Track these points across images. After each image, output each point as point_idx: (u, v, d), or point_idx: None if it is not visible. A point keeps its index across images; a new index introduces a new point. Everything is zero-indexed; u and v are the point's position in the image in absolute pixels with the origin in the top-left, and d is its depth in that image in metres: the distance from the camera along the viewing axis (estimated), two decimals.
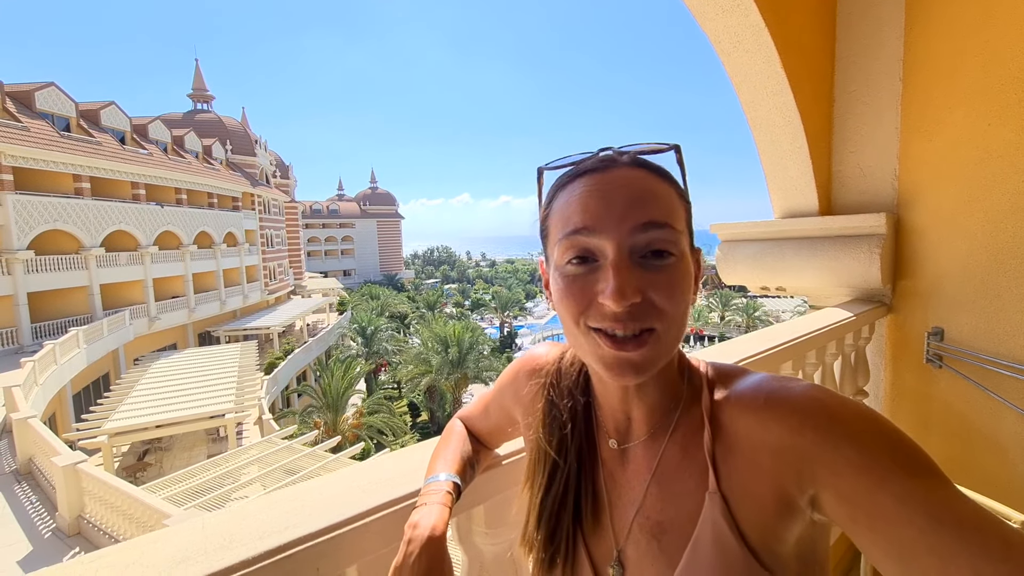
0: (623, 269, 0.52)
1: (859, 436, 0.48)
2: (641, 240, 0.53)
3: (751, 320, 39.00)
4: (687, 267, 0.55)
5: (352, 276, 69.67)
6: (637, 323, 0.52)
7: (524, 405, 0.76)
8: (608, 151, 0.59)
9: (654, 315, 0.53)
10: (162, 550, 0.61)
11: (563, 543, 0.66)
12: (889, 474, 0.45)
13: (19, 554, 7.58)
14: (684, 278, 0.55)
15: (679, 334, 0.56)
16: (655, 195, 0.54)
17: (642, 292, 0.52)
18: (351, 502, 0.70)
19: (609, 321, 0.53)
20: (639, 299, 0.52)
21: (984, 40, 2.05)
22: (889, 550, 0.45)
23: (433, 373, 23.59)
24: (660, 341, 0.54)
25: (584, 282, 0.55)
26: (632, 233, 0.52)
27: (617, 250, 0.52)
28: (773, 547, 0.54)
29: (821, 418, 0.50)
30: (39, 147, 19.12)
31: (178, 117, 36.22)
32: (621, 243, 0.53)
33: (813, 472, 0.50)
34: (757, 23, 2.05)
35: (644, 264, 0.53)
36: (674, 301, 0.53)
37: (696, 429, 0.60)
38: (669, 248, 0.53)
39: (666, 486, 0.60)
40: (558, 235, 0.56)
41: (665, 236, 0.53)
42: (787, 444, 0.51)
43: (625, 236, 0.52)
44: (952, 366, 2.24)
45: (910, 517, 0.44)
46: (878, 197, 2.41)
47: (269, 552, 0.61)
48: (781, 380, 0.56)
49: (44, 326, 18.55)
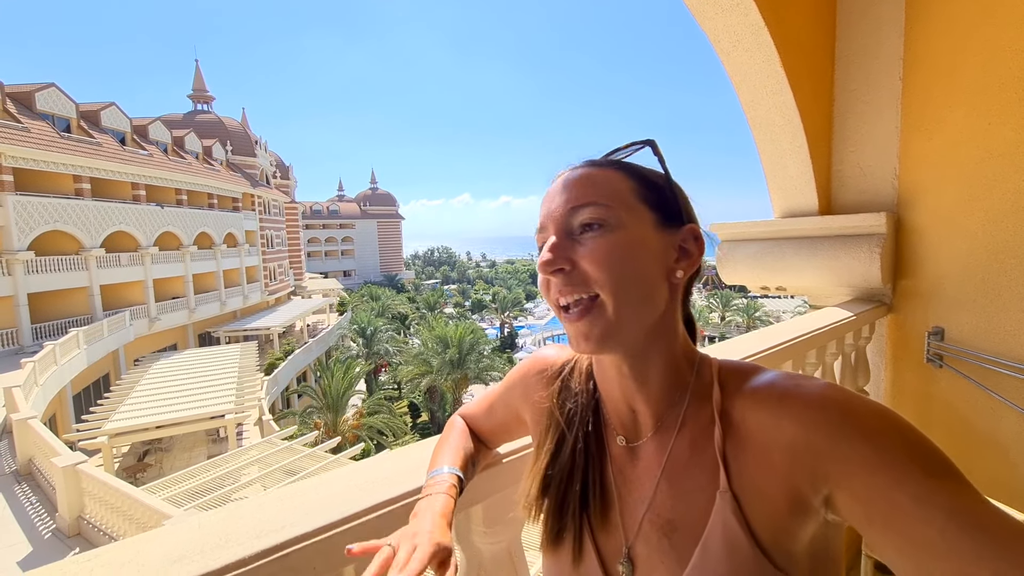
0: (554, 243, 0.59)
1: (875, 435, 0.47)
2: (573, 221, 0.59)
3: (751, 320, 38.98)
4: (625, 236, 0.58)
5: (352, 277, 69.67)
6: (573, 288, 0.58)
7: (533, 404, 0.76)
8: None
9: (588, 280, 0.58)
10: (158, 549, 0.60)
11: (570, 523, 0.66)
12: (906, 474, 0.45)
13: (19, 555, 7.58)
14: (617, 246, 0.57)
15: (633, 305, 0.58)
16: (587, 183, 0.60)
17: (572, 261, 0.58)
18: (349, 501, 0.70)
19: (554, 292, 0.60)
20: (568, 266, 0.58)
21: (984, 38, 2.05)
22: (906, 551, 0.45)
23: (433, 374, 23.58)
24: (605, 309, 0.57)
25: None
26: (564, 217, 0.60)
27: (553, 231, 0.60)
28: (786, 546, 0.53)
29: (836, 416, 0.49)
30: (39, 148, 19.12)
31: (178, 118, 36.25)
32: (555, 225, 0.60)
33: (827, 471, 0.49)
34: (756, 22, 2.04)
35: (579, 239, 0.59)
36: (603, 265, 0.57)
37: (706, 425, 0.59)
38: (596, 220, 0.58)
39: (676, 483, 0.60)
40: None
41: (592, 212, 0.58)
42: (801, 442, 0.50)
43: (559, 221, 0.60)
44: (952, 366, 2.23)
45: (929, 518, 0.43)
46: (878, 196, 2.41)
47: (266, 551, 0.60)
48: (795, 377, 0.56)
49: (44, 327, 18.54)
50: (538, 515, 0.70)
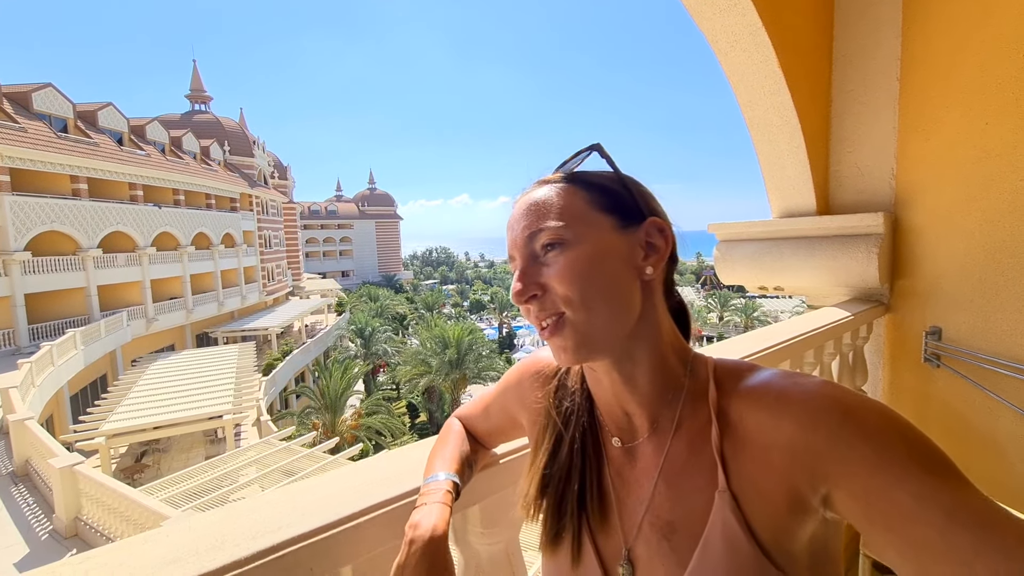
0: (521, 271, 0.60)
1: (874, 433, 0.47)
2: (535, 244, 0.60)
3: (750, 320, 39.03)
4: (584, 249, 0.58)
5: (350, 277, 69.61)
6: (544, 313, 0.59)
7: (528, 407, 0.76)
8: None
9: (555, 301, 0.58)
10: (153, 550, 0.60)
11: (568, 523, 0.66)
12: (906, 472, 0.45)
13: (16, 556, 7.55)
14: (579, 260, 0.58)
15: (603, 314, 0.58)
16: (541, 204, 0.61)
17: (543, 285, 0.59)
18: (346, 502, 0.70)
19: (531, 318, 0.61)
20: (539, 291, 0.59)
21: (982, 39, 2.06)
22: (905, 550, 0.45)
23: (432, 374, 23.57)
24: (575, 325, 0.58)
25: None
26: (526, 244, 0.61)
27: (518, 258, 0.62)
28: (785, 545, 0.53)
29: (835, 415, 0.49)
30: (36, 148, 19.06)
31: (176, 118, 36.17)
32: (519, 253, 0.62)
33: (827, 470, 0.49)
34: (754, 23, 2.04)
35: (545, 260, 0.59)
36: (568, 283, 0.57)
37: (703, 425, 0.59)
38: (555, 239, 0.58)
39: (674, 484, 0.60)
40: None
41: (550, 233, 0.59)
42: (800, 441, 0.50)
43: (523, 249, 0.61)
44: (950, 365, 2.24)
45: (928, 516, 0.43)
46: (876, 196, 2.41)
47: (262, 552, 0.60)
48: (793, 376, 0.55)
49: (41, 327, 18.48)
50: (537, 515, 0.69)
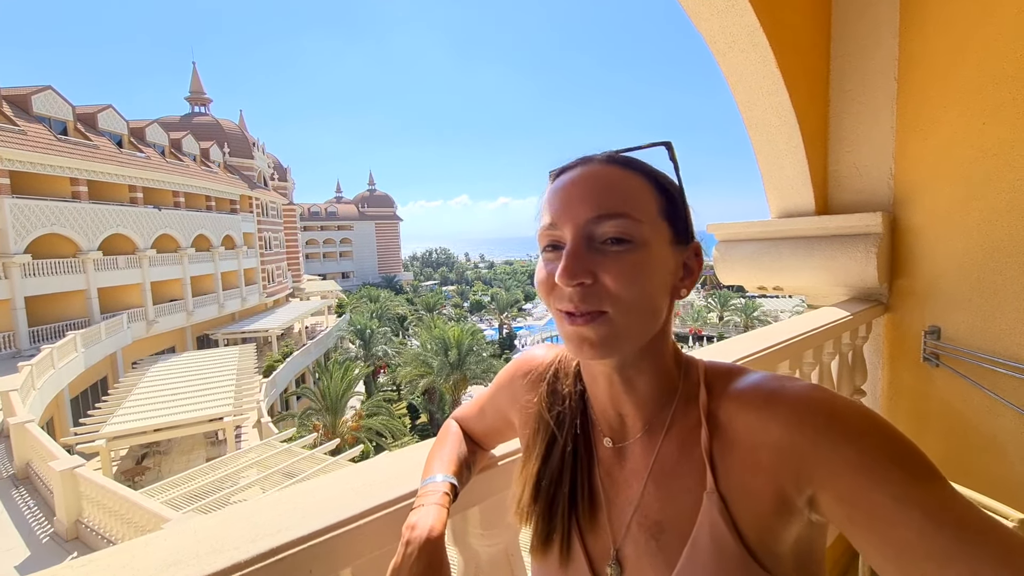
0: (573, 253, 0.55)
1: (858, 436, 0.48)
2: (598, 229, 0.55)
3: (749, 320, 39.01)
4: (647, 255, 0.56)
5: (350, 278, 69.53)
6: (587, 304, 0.55)
7: (521, 406, 0.76)
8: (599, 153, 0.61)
9: (605, 298, 0.55)
10: (153, 554, 0.60)
11: (559, 525, 0.66)
12: (888, 475, 0.45)
13: (17, 559, 7.54)
14: (642, 265, 0.55)
15: (641, 320, 0.57)
16: (615, 187, 0.57)
17: (594, 274, 0.55)
18: (345, 504, 0.70)
19: (564, 300, 0.56)
20: (589, 280, 0.55)
21: (980, 39, 2.06)
22: (887, 552, 0.45)
23: (433, 375, 23.56)
24: (612, 324, 0.55)
25: (550, 268, 0.58)
26: (588, 223, 0.56)
27: (572, 237, 0.56)
28: (771, 546, 0.54)
29: (820, 418, 0.50)
30: (36, 151, 19.06)
31: (175, 120, 36.15)
32: (576, 231, 0.56)
33: (812, 472, 0.49)
34: (752, 23, 2.05)
35: (602, 250, 0.55)
36: (626, 284, 0.54)
37: (693, 427, 0.59)
38: (625, 235, 0.55)
39: (663, 485, 0.60)
40: (537, 227, 0.62)
41: (621, 225, 0.55)
42: (786, 443, 0.51)
43: (581, 225, 0.56)
44: (949, 365, 2.24)
45: (908, 519, 0.43)
46: (874, 196, 2.42)
47: (262, 555, 0.60)
48: (780, 379, 0.56)
49: (41, 330, 18.46)
50: (530, 520, 0.69)
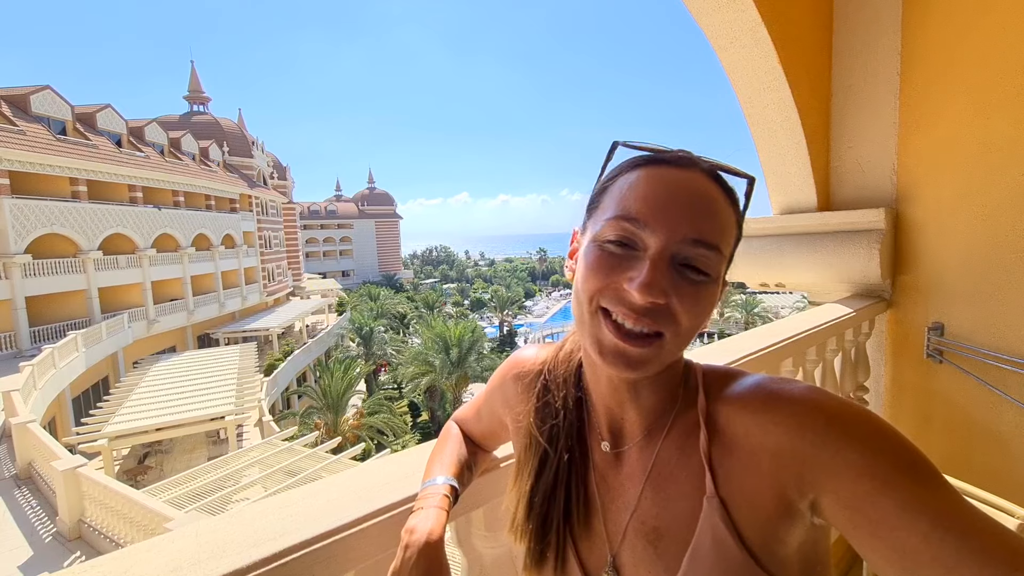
0: (659, 267, 0.52)
1: (860, 439, 0.47)
2: (689, 251, 0.53)
3: (750, 316, 39.01)
4: (716, 291, 0.55)
5: (351, 277, 69.57)
6: (649, 322, 0.52)
7: (513, 409, 0.75)
8: (688, 153, 0.58)
9: (668, 321, 0.53)
10: (155, 559, 0.60)
11: (552, 538, 0.65)
12: (891, 479, 0.45)
13: (20, 559, 7.56)
14: (710, 299, 0.55)
15: (682, 347, 0.56)
16: (716, 213, 0.54)
17: (667, 296, 0.52)
18: (346, 508, 0.69)
19: (624, 308, 0.53)
20: (663, 301, 0.52)
21: (982, 33, 2.04)
22: (891, 557, 0.44)
23: (435, 373, 23.59)
24: (663, 348, 0.54)
25: (616, 263, 0.54)
26: (683, 240, 0.52)
27: (662, 249, 0.52)
28: (774, 550, 0.53)
29: (820, 420, 0.49)
30: (35, 151, 19.04)
31: (175, 119, 36.09)
32: (668, 244, 0.52)
33: (813, 476, 0.49)
34: (754, 18, 2.04)
35: (680, 272, 0.53)
36: (694, 316, 0.53)
37: (692, 431, 0.59)
38: (709, 268, 0.53)
39: (661, 490, 0.59)
40: (610, 212, 0.56)
41: (711, 256, 0.53)
42: (786, 447, 0.50)
43: (674, 239, 0.52)
44: (952, 361, 2.23)
45: (913, 524, 0.43)
46: (877, 192, 2.40)
47: (263, 560, 0.60)
48: (779, 381, 0.55)
49: (42, 330, 18.49)
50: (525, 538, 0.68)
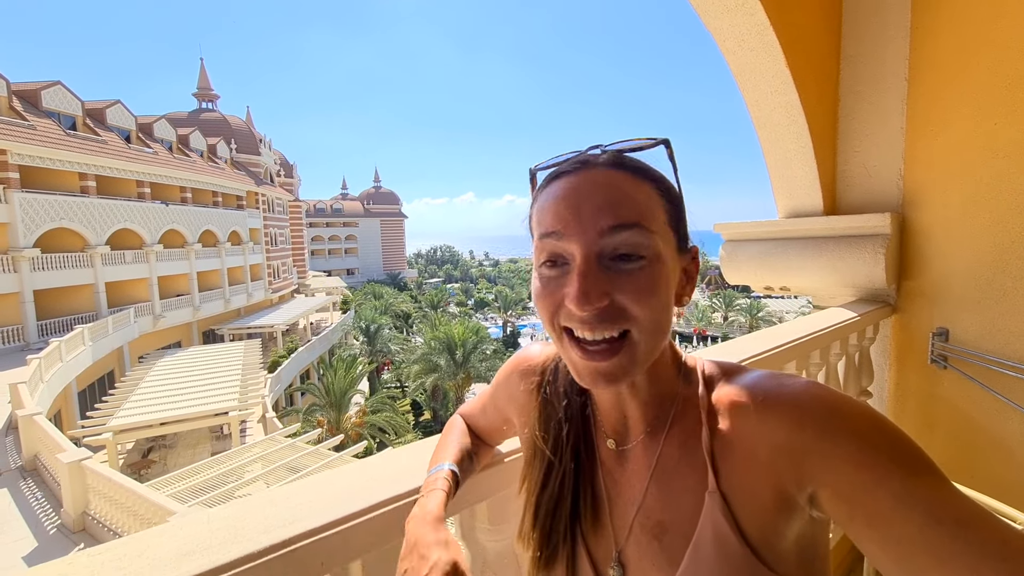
0: (587, 274, 0.52)
1: (858, 433, 0.48)
2: (609, 244, 0.52)
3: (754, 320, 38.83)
4: (661, 269, 0.54)
5: (355, 275, 69.77)
6: (605, 326, 0.52)
7: (518, 405, 0.76)
8: (594, 149, 0.58)
9: (623, 318, 0.52)
10: (168, 543, 0.61)
11: (560, 542, 0.66)
12: (888, 472, 0.45)
13: (24, 550, 7.63)
14: (656, 280, 0.53)
15: (657, 338, 0.55)
16: (626, 196, 0.53)
17: (609, 295, 0.52)
18: (356, 497, 0.71)
19: (577, 323, 0.53)
20: (605, 302, 0.52)
21: (992, 39, 2.04)
22: (887, 548, 0.45)
23: (439, 373, 23.61)
24: (636, 347, 0.54)
25: (556, 284, 0.55)
26: (599, 237, 0.52)
27: (584, 253, 0.52)
28: (774, 544, 0.54)
29: (820, 414, 0.50)
30: (45, 145, 19.21)
31: (183, 116, 36.34)
32: (588, 248, 0.52)
33: (812, 469, 0.49)
34: (762, 22, 2.04)
35: (613, 267, 0.53)
36: (643, 304, 0.52)
37: (694, 427, 0.59)
38: (638, 251, 0.52)
39: (665, 485, 0.60)
40: (536, 234, 0.57)
41: (633, 238, 0.52)
42: (785, 441, 0.51)
43: (592, 240, 0.52)
44: (957, 367, 2.22)
45: (908, 515, 0.43)
46: (883, 197, 2.40)
47: (274, 546, 0.61)
48: (779, 377, 0.56)
49: (50, 323, 18.65)
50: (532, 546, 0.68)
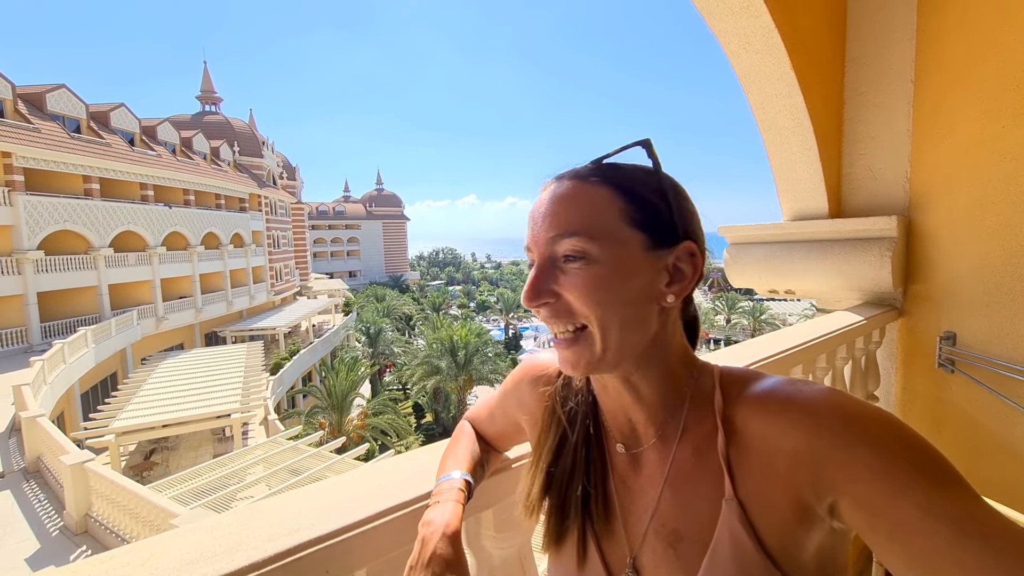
0: (538, 274, 0.58)
1: (878, 441, 0.47)
2: (558, 249, 0.57)
3: (757, 323, 38.76)
4: (609, 269, 0.56)
5: (358, 277, 69.87)
6: (558, 321, 0.58)
7: (529, 412, 0.76)
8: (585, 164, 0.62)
9: (575, 314, 0.57)
10: (171, 551, 0.60)
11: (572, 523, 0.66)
12: (911, 481, 0.44)
13: (27, 552, 7.63)
14: (599, 280, 0.56)
15: (624, 334, 0.57)
16: (572, 205, 0.57)
17: (557, 294, 0.58)
18: (362, 504, 0.70)
19: (541, 320, 0.60)
20: (552, 299, 0.58)
21: (998, 41, 2.03)
22: (910, 561, 0.44)
23: (441, 375, 23.60)
24: (593, 340, 0.57)
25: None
26: (549, 244, 0.58)
27: (537, 259, 0.59)
28: (793, 554, 0.53)
29: (838, 422, 0.49)
30: (50, 148, 19.30)
31: (186, 119, 36.49)
32: (539, 253, 0.59)
33: (831, 478, 0.48)
34: (767, 24, 2.03)
35: (563, 268, 0.58)
36: (585, 301, 0.56)
37: (709, 433, 0.58)
38: (579, 252, 0.56)
39: (680, 492, 0.59)
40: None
41: (574, 243, 0.56)
42: (803, 448, 0.50)
43: (543, 248, 0.59)
44: (964, 371, 2.21)
45: (934, 528, 0.42)
46: (889, 199, 2.39)
47: (279, 555, 0.60)
48: (796, 383, 0.55)
49: (53, 325, 18.70)
50: (538, 515, 0.69)
